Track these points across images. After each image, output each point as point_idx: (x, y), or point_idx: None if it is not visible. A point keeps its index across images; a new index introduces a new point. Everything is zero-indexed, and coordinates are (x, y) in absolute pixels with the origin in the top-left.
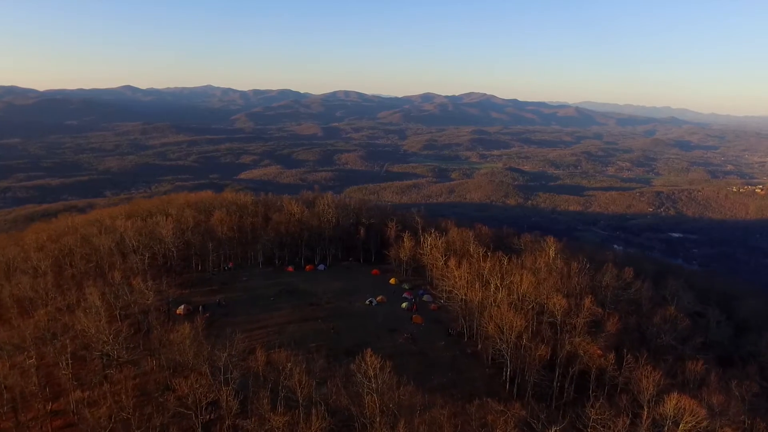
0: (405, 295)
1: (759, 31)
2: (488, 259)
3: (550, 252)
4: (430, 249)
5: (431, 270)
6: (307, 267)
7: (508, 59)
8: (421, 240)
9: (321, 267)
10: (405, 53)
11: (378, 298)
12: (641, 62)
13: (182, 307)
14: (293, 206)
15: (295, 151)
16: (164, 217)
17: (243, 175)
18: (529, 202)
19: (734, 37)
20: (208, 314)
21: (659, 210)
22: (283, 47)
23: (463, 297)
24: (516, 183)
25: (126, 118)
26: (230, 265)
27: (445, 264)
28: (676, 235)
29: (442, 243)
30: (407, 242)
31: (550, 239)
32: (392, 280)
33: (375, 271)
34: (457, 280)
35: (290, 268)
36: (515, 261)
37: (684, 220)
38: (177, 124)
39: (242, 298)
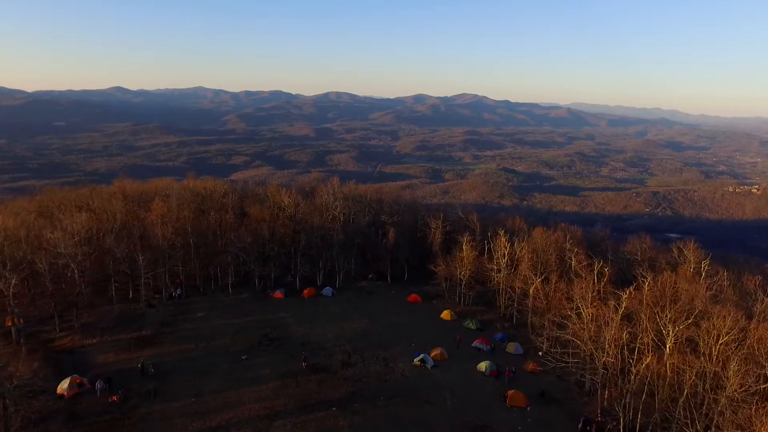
0: (477, 343)
1: (748, 35)
2: (605, 282)
3: (702, 266)
4: (508, 262)
5: (513, 297)
6: (306, 291)
7: (500, 60)
8: (488, 248)
9: (327, 291)
10: (397, 55)
11: (434, 353)
12: (632, 64)
13: (68, 382)
14: (283, 197)
15: (287, 152)
16: (72, 213)
17: (234, 176)
18: (525, 202)
19: (723, 41)
20: (120, 394)
21: (656, 210)
22: (274, 49)
23: (607, 359)
24: (511, 183)
25: (115, 119)
26: (172, 291)
27: (541, 289)
28: (674, 235)
29: (529, 254)
30: (467, 252)
31: (691, 244)
32: (446, 314)
33: (413, 296)
34: (586, 327)
35: (278, 294)
36: (658, 284)
37: (681, 221)
38: (167, 125)
39: (190, 355)
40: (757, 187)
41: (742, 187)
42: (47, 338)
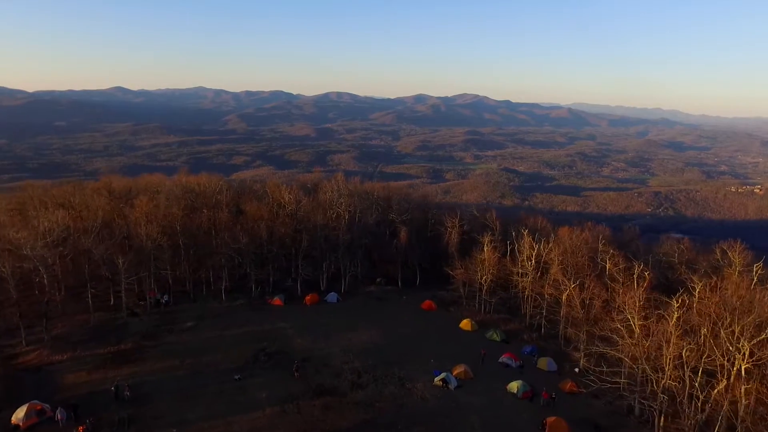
0: (504, 358)
1: (748, 35)
2: (646, 288)
3: (755, 269)
4: (533, 265)
5: (541, 305)
6: (308, 298)
7: (500, 60)
8: (511, 249)
9: (332, 297)
10: (397, 55)
11: (456, 371)
12: (632, 64)
13: (25, 410)
14: (283, 193)
15: (288, 152)
16: (50, 211)
17: (235, 176)
18: (526, 202)
19: (723, 41)
20: (87, 424)
21: (658, 210)
22: (275, 49)
23: (668, 382)
24: (512, 183)
25: (116, 119)
26: (159, 297)
27: (576, 296)
28: (677, 235)
29: (558, 255)
30: (489, 254)
31: (737, 245)
32: (465, 323)
33: (428, 303)
34: (638, 342)
35: (277, 301)
36: (706, 291)
37: (684, 221)
38: (168, 125)
39: (174, 374)
40: (759, 187)
41: (744, 187)
42: (11, 353)
